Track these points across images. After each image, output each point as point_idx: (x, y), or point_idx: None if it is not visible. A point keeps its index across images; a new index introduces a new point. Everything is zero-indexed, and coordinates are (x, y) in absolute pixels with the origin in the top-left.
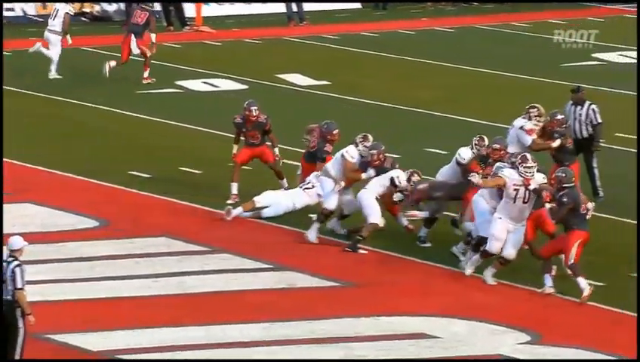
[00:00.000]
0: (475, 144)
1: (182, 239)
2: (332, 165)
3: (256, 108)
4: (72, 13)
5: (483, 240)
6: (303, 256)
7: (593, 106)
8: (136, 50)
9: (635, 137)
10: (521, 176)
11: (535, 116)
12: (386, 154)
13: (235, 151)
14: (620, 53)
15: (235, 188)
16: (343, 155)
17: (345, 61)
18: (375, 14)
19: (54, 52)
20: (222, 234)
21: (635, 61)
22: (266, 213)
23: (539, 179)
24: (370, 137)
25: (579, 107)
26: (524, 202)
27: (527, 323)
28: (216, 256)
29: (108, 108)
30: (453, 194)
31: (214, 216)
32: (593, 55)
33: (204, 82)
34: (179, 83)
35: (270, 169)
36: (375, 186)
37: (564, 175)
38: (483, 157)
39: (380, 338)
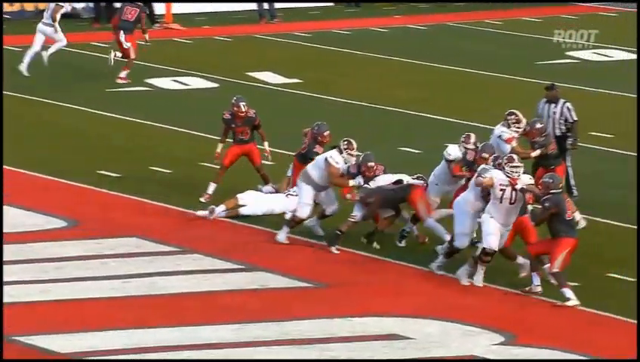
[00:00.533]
0: (462, 142)
1: (152, 239)
2: (313, 168)
3: (244, 103)
4: (62, 6)
5: (456, 251)
6: (275, 257)
7: (568, 104)
8: (126, 45)
9: (611, 135)
10: (508, 176)
11: (513, 123)
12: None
13: (218, 150)
14: (594, 51)
15: (212, 188)
16: (327, 160)
17: (317, 59)
18: (347, 12)
19: (60, 43)
20: (193, 234)
21: (608, 59)
22: (244, 211)
23: (525, 180)
24: (355, 143)
25: (553, 105)
26: (510, 203)
27: (502, 323)
28: (187, 256)
29: (77, 107)
30: (386, 201)
31: (186, 216)
32: (567, 53)
33: (174, 80)
34: (148, 81)
35: (256, 172)
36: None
37: (551, 180)
38: (469, 163)
39: (352, 339)
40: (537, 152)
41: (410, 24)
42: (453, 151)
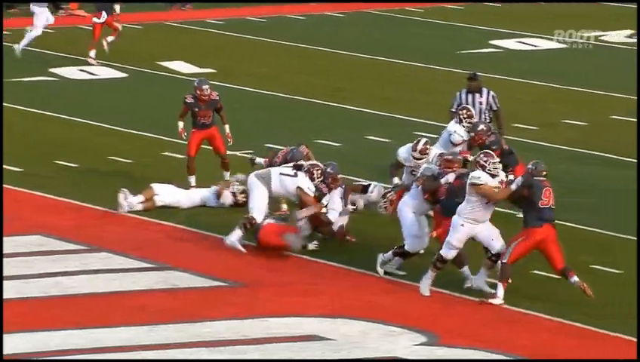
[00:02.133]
0: (465, 117)
1: (57, 237)
2: (276, 179)
3: (207, 87)
4: None
5: (409, 254)
6: (189, 255)
7: (492, 93)
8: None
9: (536, 128)
10: (492, 175)
11: (465, 118)
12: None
13: (181, 126)
14: (518, 40)
15: (193, 180)
16: (301, 189)
17: (231, 48)
18: None
19: (37, 29)
20: (101, 231)
21: (533, 48)
22: (158, 199)
23: (502, 176)
24: (321, 165)
25: (477, 95)
26: (489, 201)
27: (424, 323)
28: (95, 254)
29: None
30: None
31: (95, 212)
32: (490, 42)
33: (81, 70)
34: (53, 71)
35: (219, 158)
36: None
37: (534, 167)
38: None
39: (269, 341)
40: (514, 186)
41: (329, 11)
42: (460, 130)
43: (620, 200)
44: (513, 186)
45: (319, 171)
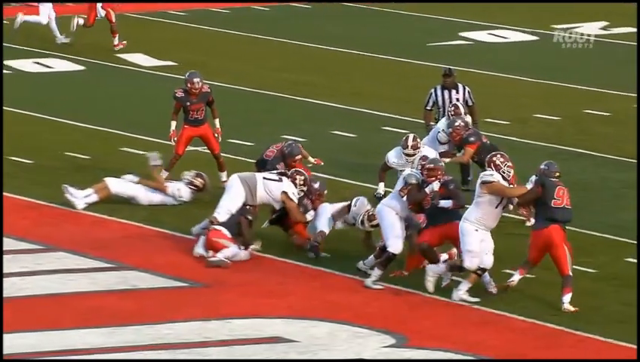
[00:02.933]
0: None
1: (10, 236)
2: (260, 182)
3: (198, 79)
4: None
5: (392, 257)
6: (148, 255)
7: (468, 89)
8: (102, 13)
9: (507, 122)
10: (502, 175)
11: (452, 115)
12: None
13: (173, 128)
14: (489, 32)
15: (165, 175)
16: (287, 194)
17: (192, 40)
18: None
19: (42, 17)
20: (56, 230)
21: (503, 40)
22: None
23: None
24: (304, 173)
25: (454, 91)
26: (499, 205)
27: (392, 324)
28: (50, 254)
29: None
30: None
31: (52, 210)
32: (460, 34)
33: (36, 62)
34: (7, 63)
35: (214, 158)
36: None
37: (546, 167)
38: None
39: (232, 343)
40: (529, 184)
41: (295, 3)
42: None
43: (595, 198)
44: (528, 184)
45: (302, 178)
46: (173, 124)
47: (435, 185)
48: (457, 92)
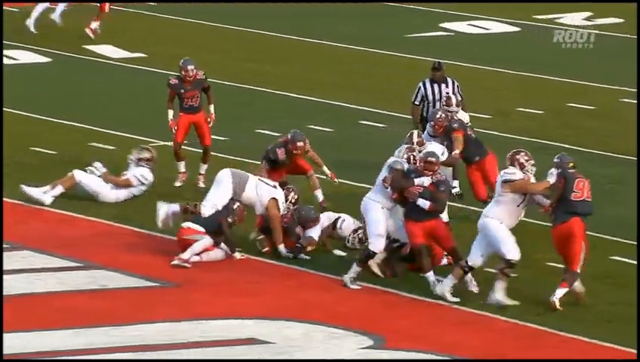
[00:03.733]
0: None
1: None
2: (256, 192)
3: (193, 67)
4: None
5: (372, 255)
6: (117, 253)
7: (457, 82)
8: None
9: (489, 116)
10: (525, 174)
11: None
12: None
13: (170, 116)
14: (469, 23)
15: (182, 165)
16: (275, 201)
17: (163, 31)
18: None
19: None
20: (22, 228)
21: (485, 31)
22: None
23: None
24: (295, 190)
25: (443, 85)
26: (521, 203)
27: (370, 325)
28: (15, 253)
29: None
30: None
31: (18, 208)
32: (441, 25)
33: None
34: None
35: (203, 151)
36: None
37: (559, 160)
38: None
39: (204, 345)
40: (551, 178)
41: None
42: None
43: None
44: (550, 178)
45: (295, 197)
46: (170, 112)
47: (426, 181)
48: (447, 86)
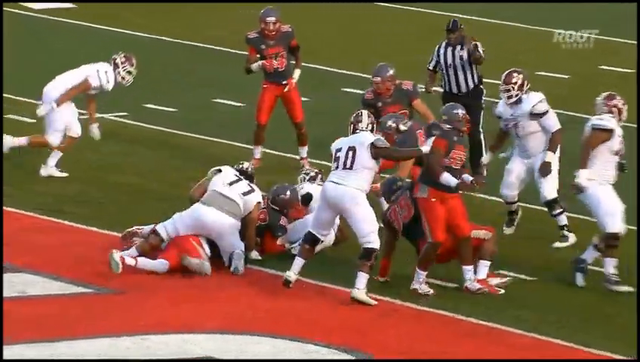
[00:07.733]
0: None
1: None
2: (244, 208)
3: (274, 18)
4: None
5: (373, 252)
6: (43, 253)
7: (478, 43)
8: None
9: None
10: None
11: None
12: None
13: (254, 64)
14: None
15: (258, 151)
16: (259, 205)
17: None
18: None
19: None
20: None
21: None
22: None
23: None
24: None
25: (458, 48)
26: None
27: (353, 339)
28: None
29: None
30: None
31: None
32: None
33: None
34: None
35: (295, 128)
36: None
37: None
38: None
39: None
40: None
41: None
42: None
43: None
44: None
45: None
46: (256, 64)
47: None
48: (462, 48)
